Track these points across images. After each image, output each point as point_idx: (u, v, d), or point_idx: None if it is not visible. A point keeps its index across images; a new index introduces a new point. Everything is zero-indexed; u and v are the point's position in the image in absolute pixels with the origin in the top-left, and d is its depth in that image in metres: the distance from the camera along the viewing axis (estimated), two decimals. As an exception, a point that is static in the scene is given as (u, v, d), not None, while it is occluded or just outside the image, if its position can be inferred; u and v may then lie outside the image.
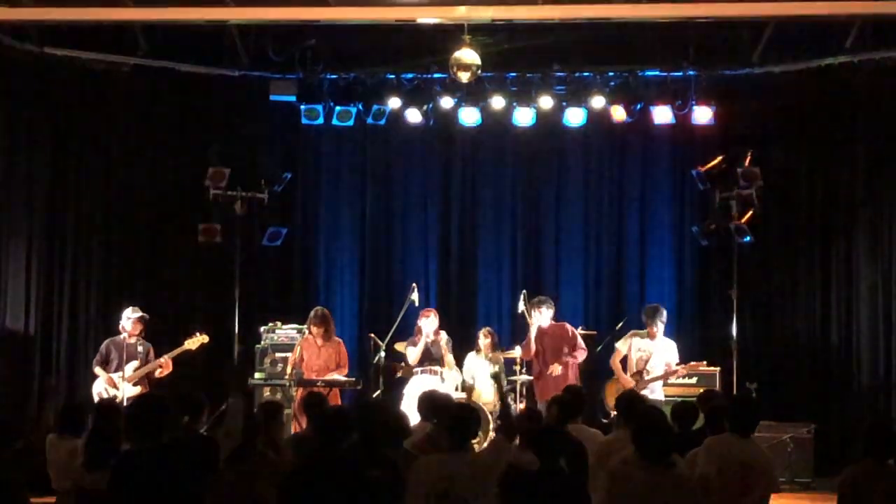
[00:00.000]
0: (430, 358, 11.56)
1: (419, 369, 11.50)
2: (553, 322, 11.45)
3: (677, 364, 11.14)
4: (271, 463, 6.39)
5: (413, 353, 11.61)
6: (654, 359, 11.10)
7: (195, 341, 11.29)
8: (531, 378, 11.48)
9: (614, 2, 10.73)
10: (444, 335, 11.63)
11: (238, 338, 12.64)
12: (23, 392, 12.21)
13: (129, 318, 11.12)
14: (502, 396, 6.74)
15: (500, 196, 13.85)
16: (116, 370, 10.98)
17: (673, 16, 11.08)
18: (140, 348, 11.15)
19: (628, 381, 11.00)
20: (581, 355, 11.33)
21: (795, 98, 12.80)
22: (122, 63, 12.80)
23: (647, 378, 11.05)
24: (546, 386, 11.06)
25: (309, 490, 5.66)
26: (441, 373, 11.41)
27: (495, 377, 6.85)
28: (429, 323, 11.59)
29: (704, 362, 11.49)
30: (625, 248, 13.61)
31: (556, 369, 11.12)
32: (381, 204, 13.97)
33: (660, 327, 11.17)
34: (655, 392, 11.05)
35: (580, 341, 11.39)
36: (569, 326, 11.52)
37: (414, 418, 8.07)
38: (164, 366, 11.10)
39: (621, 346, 11.33)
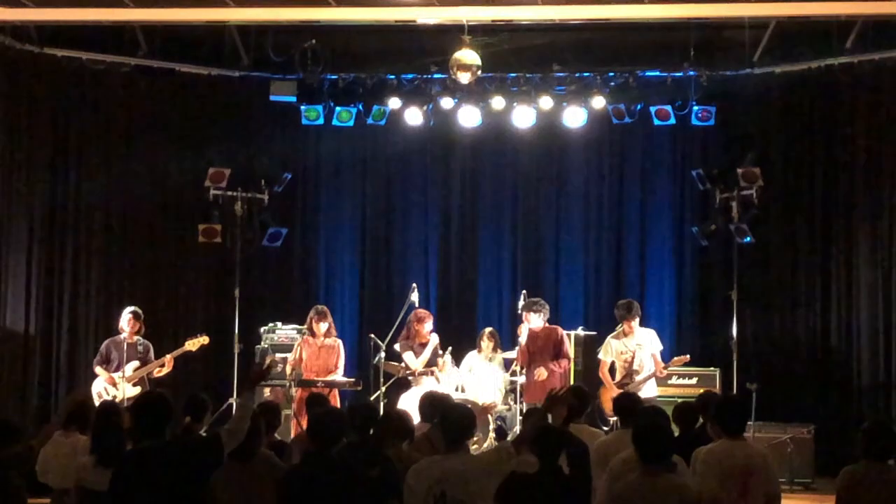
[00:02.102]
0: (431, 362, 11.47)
1: (422, 372, 11.39)
2: (546, 325, 11.41)
3: (661, 350, 11.10)
4: (271, 463, 6.39)
5: (417, 360, 11.34)
6: (637, 356, 11.06)
7: (196, 342, 11.30)
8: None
9: (614, 2, 10.72)
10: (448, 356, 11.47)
11: (238, 338, 12.64)
12: (23, 392, 12.22)
13: (125, 316, 11.17)
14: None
15: (500, 196, 13.85)
16: (117, 370, 10.99)
17: (673, 16, 11.09)
18: (140, 348, 11.16)
19: (615, 390, 10.95)
20: (564, 364, 11.26)
21: (795, 98, 12.81)
22: (122, 63, 12.82)
23: (637, 379, 11.02)
24: (534, 387, 11.04)
25: (309, 490, 5.65)
26: (436, 374, 11.33)
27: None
28: (432, 329, 11.44)
29: (688, 356, 11.40)
30: (625, 248, 13.60)
31: (542, 373, 11.08)
32: (381, 204, 13.98)
33: (636, 322, 11.13)
34: (648, 390, 11.02)
35: (566, 348, 11.31)
36: (560, 330, 11.44)
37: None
38: (166, 363, 11.11)
39: (602, 355, 11.27)
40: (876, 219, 12.33)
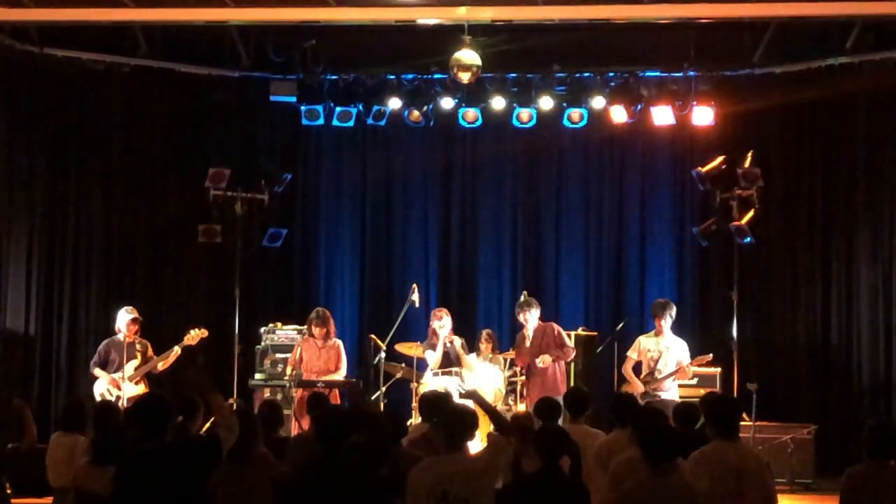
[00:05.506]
0: (449, 361, 11.47)
1: (438, 371, 11.40)
2: (540, 322, 11.41)
3: (687, 364, 11.09)
4: (270, 463, 6.39)
5: (433, 357, 11.42)
6: (664, 358, 11.01)
7: (195, 336, 11.28)
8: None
9: (614, 2, 10.74)
10: (457, 339, 11.49)
11: (238, 338, 12.64)
12: (23, 392, 12.20)
13: (124, 319, 11.15)
14: (492, 413, 6.76)
15: (500, 196, 13.84)
16: (117, 370, 10.99)
17: (673, 16, 11.09)
18: (139, 346, 11.17)
19: (638, 385, 10.94)
20: (569, 353, 11.30)
21: (795, 98, 12.78)
22: (122, 63, 12.81)
23: (658, 377, 10.99)
24: (535, 385, 11.05)
25: (320, 490, 5.66)
26: (461, 373, 11.34)
27: (471, 396, 6.94)
28: (443, 325, 11.46)
29: (711, 355, 11.36)
30: (625, 248, 13.60)
31: (546, 359, 11.09)
32: (381, 205, 13.97)
33: (668, 322, 11.08)
34: (670, 391, 10.99)
35: (566, 340, 11.35)
36: (555, 326, 11.46)
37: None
38: (178, 352, 11.10)
39: (632, 353, 11.21)
40: (876, 219, 12.34)
